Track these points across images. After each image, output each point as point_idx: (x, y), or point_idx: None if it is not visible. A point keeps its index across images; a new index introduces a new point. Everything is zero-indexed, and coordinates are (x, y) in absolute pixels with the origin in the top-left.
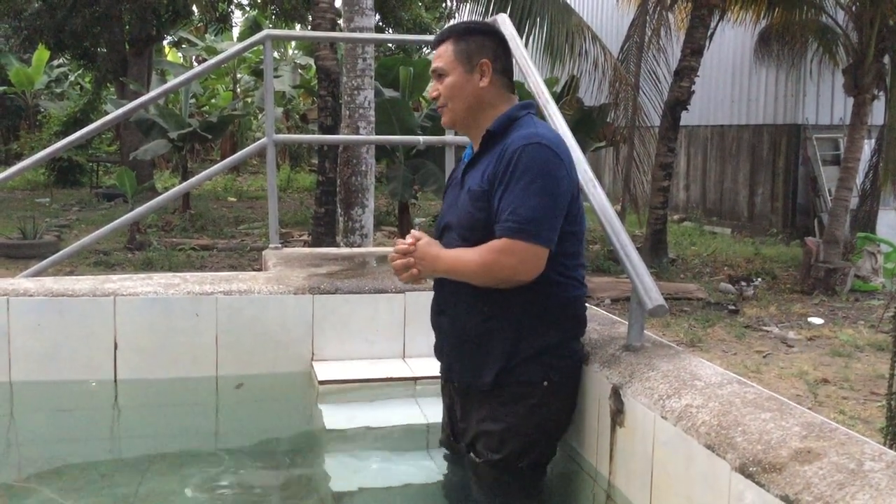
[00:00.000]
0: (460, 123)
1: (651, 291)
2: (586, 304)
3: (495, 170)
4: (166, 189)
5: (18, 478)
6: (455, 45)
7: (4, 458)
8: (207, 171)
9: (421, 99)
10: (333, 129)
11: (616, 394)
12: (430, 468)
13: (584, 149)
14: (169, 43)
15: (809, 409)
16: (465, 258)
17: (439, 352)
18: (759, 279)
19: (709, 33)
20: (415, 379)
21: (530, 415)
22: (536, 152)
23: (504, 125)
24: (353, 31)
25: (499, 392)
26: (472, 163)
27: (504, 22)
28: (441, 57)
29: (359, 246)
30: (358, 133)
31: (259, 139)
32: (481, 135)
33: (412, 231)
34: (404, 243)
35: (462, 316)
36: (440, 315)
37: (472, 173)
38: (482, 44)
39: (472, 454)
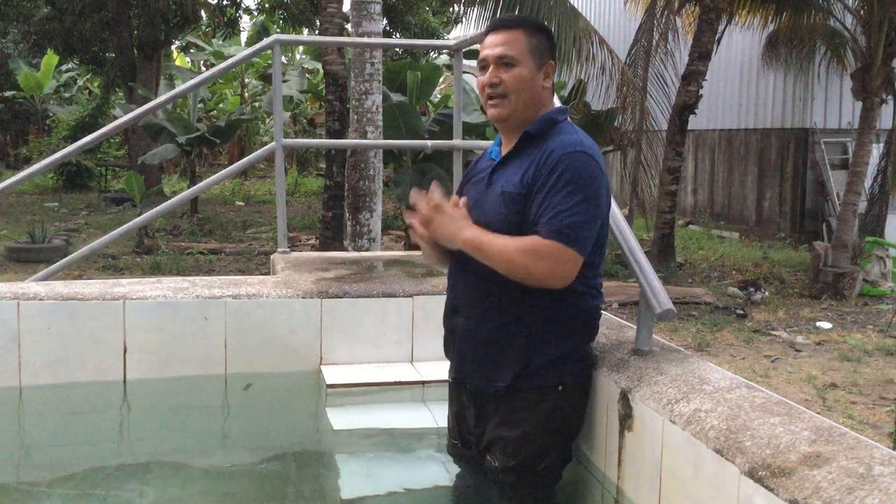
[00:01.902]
0: (514, 118)
1: (659, 295)
2: (601, 312)
3: (536, 174)
4: (174, 193)
5: (28, 481)
6: (528, 38)
7: (14, 461)
8: (216, 175)
9: (428, 103)
10: (341, 134)
11: (624, 398)
12: (438, 472)
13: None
14: (177, 48)
15: (818, 413)
16: (500, 242)
17: (450, 351)
18: (766, 292)
19: (716, 37)
20: (423, 383)
21: (546, 420)
22: (581, 161)
23: (543, 128)
24: (361, 35)
25: (514, 397)
26: (504, 162)
27: None
28: (511, 45)
29: (367, 250)
30: (366, 137)
31: (267, 143)
32: (518, 134)
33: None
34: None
35: (478, 317)
36: (454, 314)
37: (503, 173)
38: (548, 45)
39: (488, 458)
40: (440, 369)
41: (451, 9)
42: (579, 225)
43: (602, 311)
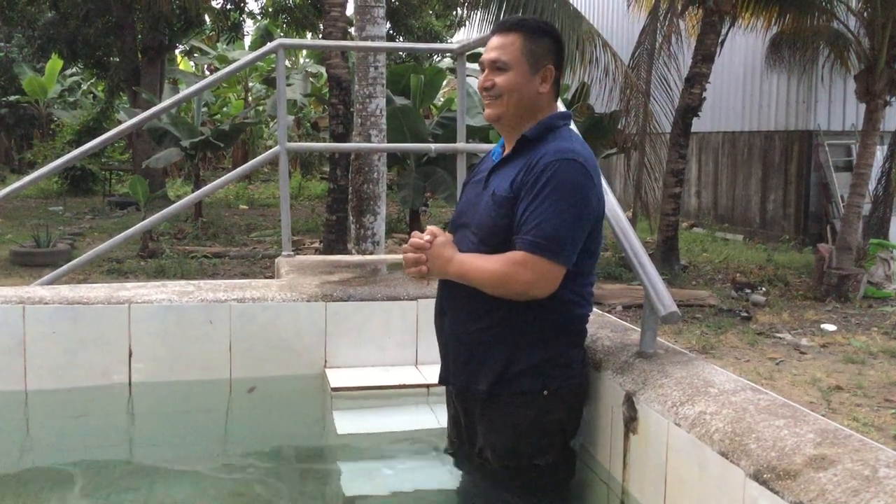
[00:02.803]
0: (506, 121)
1: (664, 298)
2: (588, 318)
3: (524, 179)
4: (178, 197)
5: (34, 485)
6: (524, 42)
7: (20, 466)
8: (220, 179)
9: (432, 106)
10: (345, 137)
11: (629, 401)
12: (441, 474)
13: (595, 156)
14: (181, 52)
15: (823, 416)
16: (479, 266)
17: (439, 351)
18: (764, 289)
19: (720, 40)
20: (427, 386)
21: (534, 424)
22: (570, 169)
23: (541, 133)
24: (365, 39)
25: (497, 402)
26: (501, 164)
27: None
28: (505, 49)
29: (370, 253)
30: (369, 141)
31: (271, 147)
32: (517, 137)
33: (430, 227)
34: (421, 238)
35: (462, 320)
36: (442, 315)
37: (498, 175)
38: (549, 48)
39: (485, 458)
40: None
41: (454, 12)
42: (561, 235)
43: (598, 310)
